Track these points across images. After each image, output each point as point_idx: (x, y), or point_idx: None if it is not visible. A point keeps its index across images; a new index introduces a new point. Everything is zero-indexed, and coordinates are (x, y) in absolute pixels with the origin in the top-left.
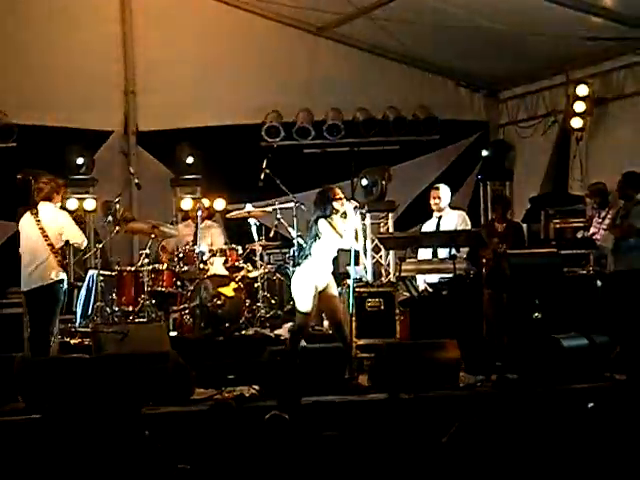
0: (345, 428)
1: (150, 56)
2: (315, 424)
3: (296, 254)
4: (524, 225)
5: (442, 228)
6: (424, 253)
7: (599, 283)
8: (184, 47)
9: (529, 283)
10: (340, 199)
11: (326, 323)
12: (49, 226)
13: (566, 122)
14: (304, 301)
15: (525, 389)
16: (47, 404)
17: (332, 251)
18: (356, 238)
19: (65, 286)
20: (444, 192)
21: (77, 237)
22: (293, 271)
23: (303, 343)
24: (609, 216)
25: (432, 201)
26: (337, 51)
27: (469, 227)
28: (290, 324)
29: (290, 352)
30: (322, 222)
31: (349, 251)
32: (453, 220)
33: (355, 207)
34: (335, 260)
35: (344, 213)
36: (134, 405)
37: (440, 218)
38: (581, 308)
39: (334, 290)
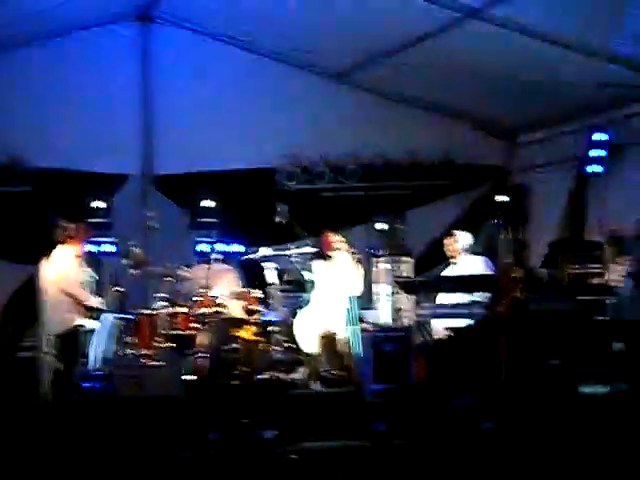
0: (359, 473)
1: (168, 100)
2: (328, 469)
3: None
4: (542, 270)
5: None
6: (444, 297)
7: (617, 331)
8: (202, 92)
9: (547, 329)
10: (333, 245)
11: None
12: (61, 271)
13: (583, 168)
14: (306, 343)
15: (541, 436)
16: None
17: (331, 296)
18: (353, 283)
19: (85, 329)
20: (460, 239)
21: (76, 292)
22: None
23: (319, 387)
24: (627, 263)
25: (446, 248)
26: (355, 96)
27: (491, 272)
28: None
29: None
30: (315, 269)
31: (366, 295)
32: (470, 267)
33: (353, 252)
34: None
35: (339, 258)
36: (147, 450)
37: (456, 266)
38: (599, 355)
39: (340, 335)
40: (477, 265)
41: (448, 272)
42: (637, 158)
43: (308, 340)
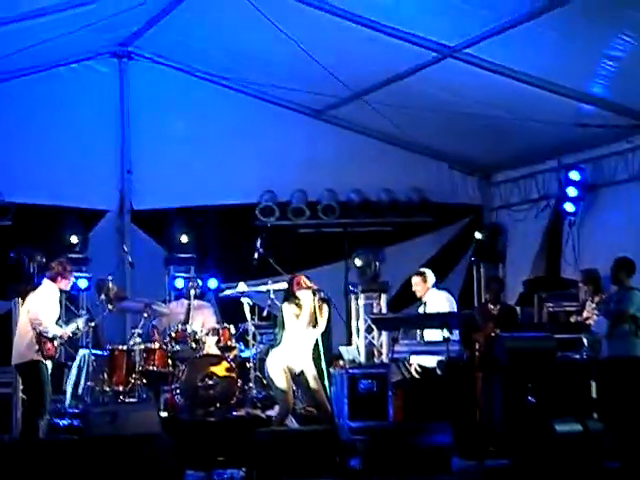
0: None
1: (146, 136)
2: None
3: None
4: (517, 308)
5: (428, 310)
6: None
7: (593, 369)
8: (180, 127)
9: (523, 367)
10: (301, 286)
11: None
12: (34, 304)
13: (558, 206)
14: (278, 381)
15: (518, 476)
16: None
17: (300, 337)
18: (315, 324)
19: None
20: (420, 279)
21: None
22: None
23: (295, 425)
24: (602, 301)
25: (414, 287)
26: (333, 133)
27: (453, 308)
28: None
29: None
30: (284, 309)
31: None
32: (437, 304)
33: (314, 291)
34: (325, 341)
35: (305, 298)
36: None
37: (425, 304)
38: (575, 393)
39: (310, 375)
40: (442, 301)
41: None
42: (610, 199)
43: (279, 377)
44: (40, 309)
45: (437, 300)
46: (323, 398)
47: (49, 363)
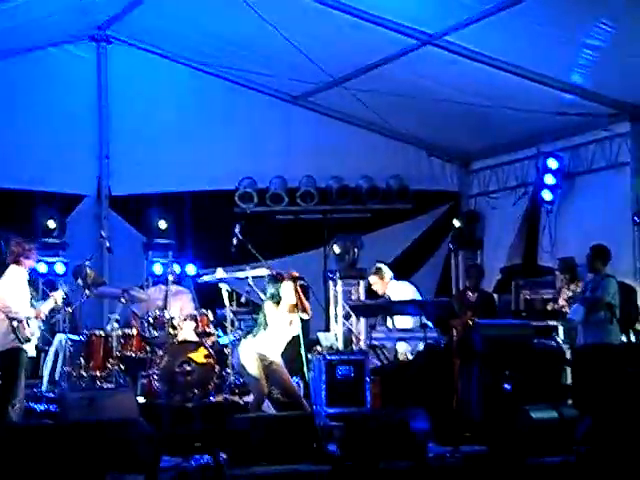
0: None
1: (124, 121)
2: None
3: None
4: (495, 295)
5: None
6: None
7: (569, 355)
8: (158, 112)
9: (499, 354)
10: (283, 278)
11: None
12: (4, 289)
13: (536, 194)
14: (249, 367)
15: (494, 462)
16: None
17: (281, 330)
18: (303, 309)
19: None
20: (379, 275)
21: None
22: None
23: (272, 410)
24: (578, 289)
25: (373, 285)
26: (312, 119)
27: (417, 296)
28: None
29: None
30: (266, 308)
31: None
32: (400, 292)
33: (295, 278)
34: (304, 327)
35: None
36: (98, 474)
37: (389, 297)
38: (550, 380)
39: (279, 365)
40: (406, 291)
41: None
42: (587, 186)
43: (251, 364)
44: (6, 295)
45: (400, 291)
46: (294, 387)
47: (29, 347)
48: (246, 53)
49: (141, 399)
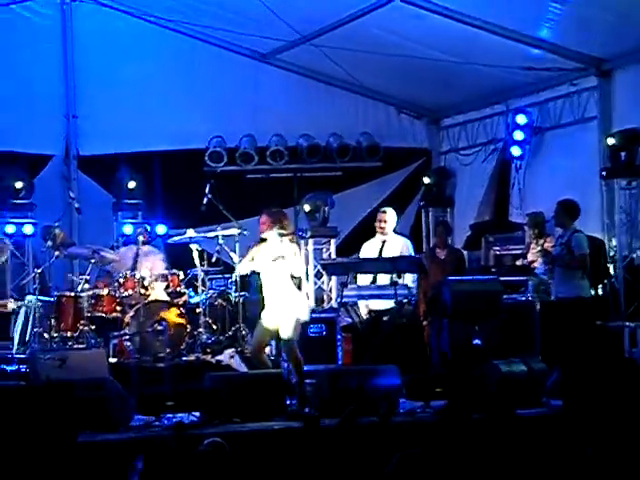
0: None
1: (92, 81)
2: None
3: None
4: (464, 252)
5: (385, 253)
6: (364, 279)
7: (538, 310)
8: (126, 72)
9: (469, 310)
10: (265, 226)
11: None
12: None
13: (506, 150)
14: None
15: (464, 415)
16: None
17: (265, 277)
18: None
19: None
20: (391, 216)
21: None
22: (235, 296)
23: (244, 368)
24: (547, 244)
25: (378, 224)
26: (281, 77)
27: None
28: (231, 350)
29: None
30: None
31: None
32: (397, 246)
33: (280, 234)
34: None
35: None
36: (70, 433)
37: (384, 242)
38: (520, 335)
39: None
40: (402, 246)
41: (371, 246)
42: (556, 142)
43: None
44: None
45: (397, 243)
46: (295, 351)
47: None
48: (214, 10)
49: (112, 359)
